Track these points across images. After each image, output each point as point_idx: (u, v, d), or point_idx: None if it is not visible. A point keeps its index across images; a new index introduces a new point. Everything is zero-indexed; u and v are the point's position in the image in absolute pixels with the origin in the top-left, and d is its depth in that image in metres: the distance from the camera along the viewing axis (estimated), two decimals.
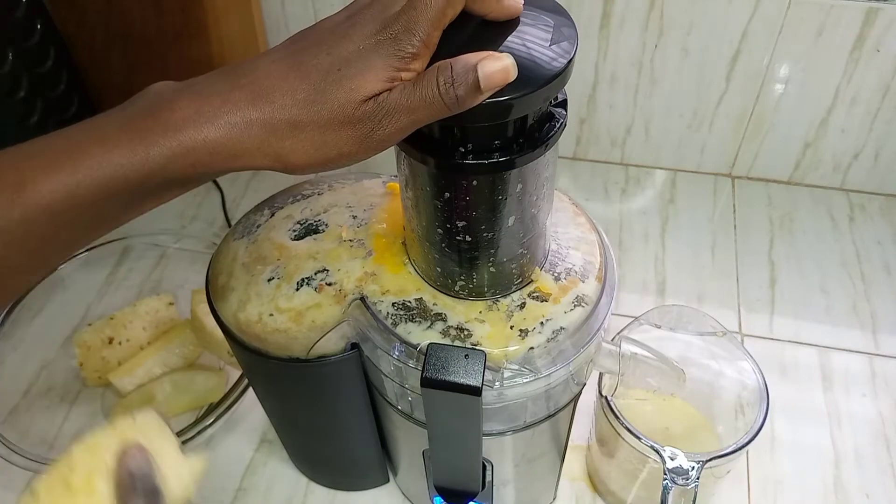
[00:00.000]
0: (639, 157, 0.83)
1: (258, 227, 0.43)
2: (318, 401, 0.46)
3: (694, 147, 0.81)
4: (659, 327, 0.53)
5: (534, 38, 0.30)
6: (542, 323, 0.37)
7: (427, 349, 0.36)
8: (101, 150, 0.27)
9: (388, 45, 0.28)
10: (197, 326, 0.64)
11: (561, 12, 0.32)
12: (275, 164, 0.29)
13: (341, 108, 0.28)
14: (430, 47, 0.28)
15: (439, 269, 0.38)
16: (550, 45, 0.30)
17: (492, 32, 0.30)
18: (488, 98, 0.28)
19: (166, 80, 0.30)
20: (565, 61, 0.29)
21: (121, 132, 0.28)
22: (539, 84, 0.29)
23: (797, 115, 0.75)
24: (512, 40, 0.30)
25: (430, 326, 0.37)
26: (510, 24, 0.31)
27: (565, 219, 0.43)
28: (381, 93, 0.28)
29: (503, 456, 0.46)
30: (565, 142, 0.83)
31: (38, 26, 0.74)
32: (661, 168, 0.83)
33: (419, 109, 0.28)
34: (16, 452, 0.56)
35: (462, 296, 0.38)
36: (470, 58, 0.27)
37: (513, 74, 0.28)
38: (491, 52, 0.28)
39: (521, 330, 0.37)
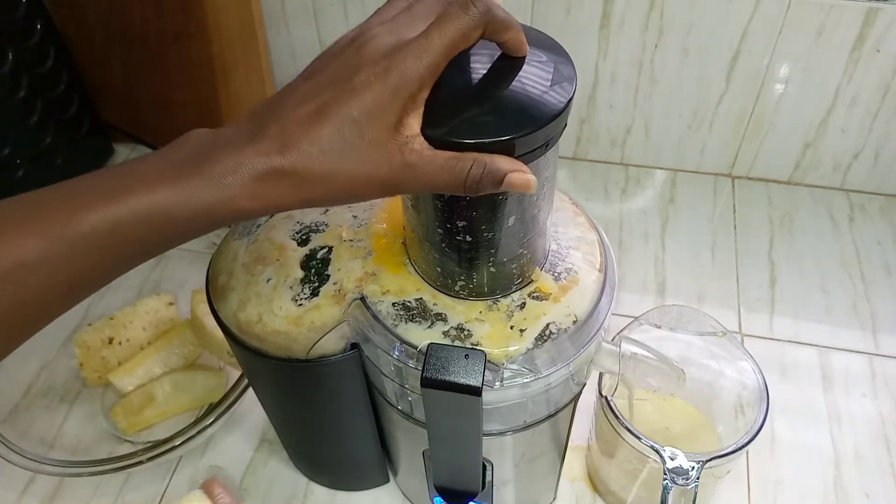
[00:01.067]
0: (639, 157, 0.83)
1: (258, 227, 0.43)
2: (318, 401, 0.46)
3: (694, 147, 0.81)
4: (659, 327, 0.53)
5: (535, 79, 0.32)
6: (542, 323, 0.37)
7: (427, 349, 0.36)
8: (147, 191, 0.29)
9: (395, 76, 0.29)
10: (197, 326, 0.64)
11: (560, 52, 0.34)
12: (303, 206, 0.31)
13: (368, 159, 0.30)
14: (433, 76, 0.30)
15: (439, 269, 0.38)
16: (552, 86, 0.31)
17: (496, 70, 0.32)
18: (490, 139, 0.30)
19: (202, 128, 0.32)
20: (565, 101, 0.31)
21: (165, 178, 0.29)
22: (540, 124, 0.30)
23: (797, 115, 0.75)
24: (516, 82, 0.31)
25: (430, 326, 0.37)
26: (515, 62, 0.32)
27: (565, 219, 0.43)
28: (406, 138, 0.30)
29: (503, 456, 0.46)
30: (565, 142, 0.83)
31: (38, 26, 0.74)
32: (661, 168, 0.84)
33: (441, 184, 0.30)
34: (16, 452, 0.56)
35: (462, 296, 0.38)
36: (504, 164, 0.30)
37: (532, 189, 0.30)
38: (521, 166, 0.30)
39: (521, 330, 0.37)
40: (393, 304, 0.38)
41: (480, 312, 0.38)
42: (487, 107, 0.31)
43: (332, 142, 0.29)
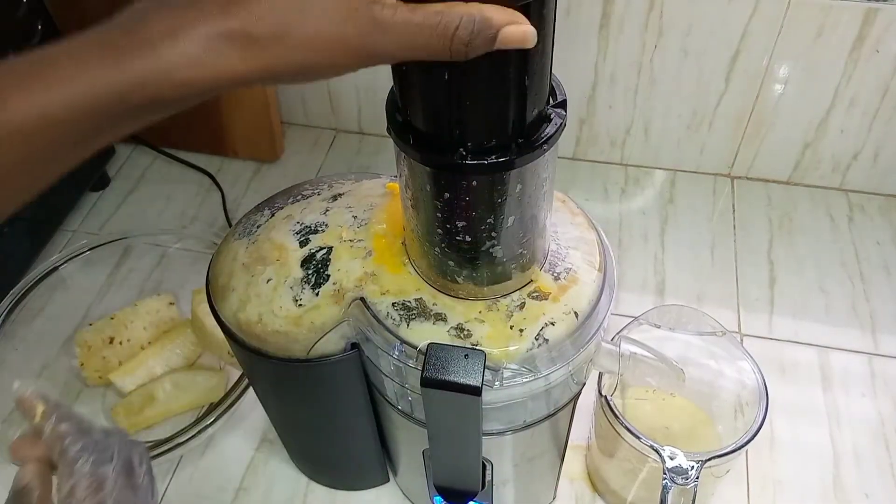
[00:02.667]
0: (638, 158, 0.83)
1: (258, 227, 0.43)
2: (318, 400, 0.47)
3: (693, 147, 0.81)
4: (658, 327, 0.53)
5: None
6: (541, 323, 0.38)
7: (427, 349, 0.36)
8: (74, 66, 0.26)
9: None
10: (197, 326, 0.64)
11: None
12: (263, 76, 0.27)
13: (329, 15, 0.26)
14: None
15: (439, 270, 0.38)
16: None
17: None
18: None
19: None
20: None
21: (94, 48, 0.26)
22: None
23: (796, 116, 0.75)
24: None
25: (430, 326, 0.38)
26: None
27: (564, 219, 0.43)
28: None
29: (503, 455, 0.46)
30: (565, 142, 0.84)
31: (39, 27, 0.74)
32: (660, 168, 0.84)
33: (422, 46, 0.26)
34: None
35: (462, 296, 0.38)
36: (497, 15, 0.26)
37: (531, 43, 0.26)
38: (517, 16, 0.26)
39: (520, 330, 0.37)
40: (393, 304, 0.38)
41: (480, 312, 0.38)
42: None
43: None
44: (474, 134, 0.31)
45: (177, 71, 0.26)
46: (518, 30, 0.26)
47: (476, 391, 0.35)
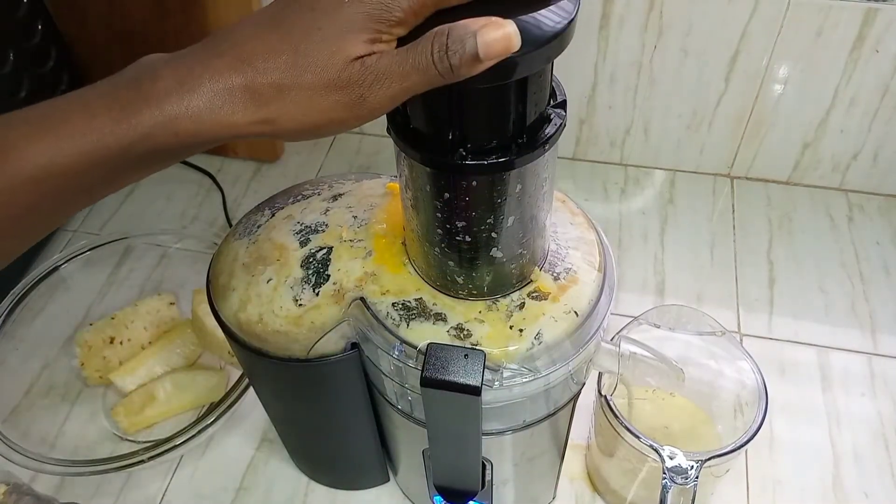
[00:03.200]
0: (638, 158, 0.83)
1: (259, 227, 0.43)
2: (318, 400, 0.47)
3: (693, 147, 0.81)
4: (658, 327, 0.53)
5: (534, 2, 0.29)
6: (541, 323, 0.38)
7: (427, 349, 0.36)
8: (84, 118, 0.27)
9: (372, 3, 0.27)
10: (198, 326, 0.64)
11: None
12: (264, 130, 0.28)
13: (324, 70, 0.27)
14: (416, 15, 0.27)
15: (439, 270, 0.38)
16: (550, 5, 0.29)
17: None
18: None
19: (159, 53, 0.29)
20: (567, 20, 0.28)
21: (104, 102, 0.27)
22: (540, 43, 0.27)
23: (796, 116, 0.75)
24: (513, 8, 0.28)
25: (430, 326, 0.38)
26: None
27: (564, 219, 0.43)
28: (365, 55, 0.27)
29: (503, 455, 0.46)
30: (565, 142, 0.84)
31: (40, 27, 0.74)
32: (660, 168, 0.84)
33: (411, 76, 0.27)
34: (17, 452, 0.56)
35: (462, 296, 0.38)
36: (469, 24, 0.26)
37: (515, 44, 0.26)
38: (492, 19, 0.26)
39: (520, 330, 0.37)
40: (393, 304, 0.38)
41: (480, 312, 0.38)
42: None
43: (289, 55, 0.27)
44: (474, 134, 0.31)
45: (181, 123, 0.27)
46: (498, 33, 0.25)
47: (476, 391, 0.35)
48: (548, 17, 0.28)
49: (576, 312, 0.38)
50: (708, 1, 0.68)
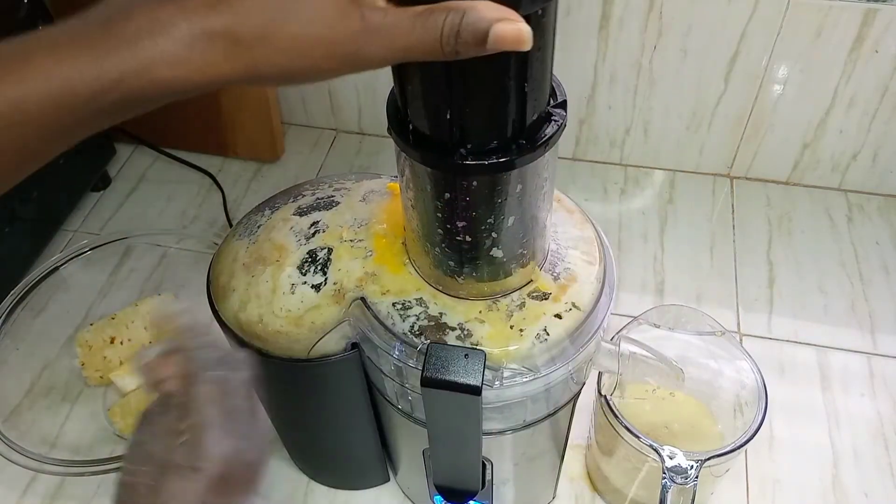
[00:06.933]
0: (638, 158, 0.83)
1: (259, 227, 0.43)
2: (318, 400, 0.47)
3: (693, 147, 0.81)
4: (658, 327, 0.53)
5: None
6: (541, 322, 0.38)
7: (427, 349, 0.36)
8: (50, 60, 0.25)
9: None
10: None
11: None
12: (243, 77, 0.26)
13: (317, 16, 0.25)
14: None
15: (439, 270, 0.38)
16: None
17: None
18: None
19: None
20: None
21: (72, 43, 0.25)
22: None
23: (795, 116, 0.75)
24: None
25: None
26: None
27: (564, 219, 0.43)
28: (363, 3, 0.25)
29: (503, 455, 0.46)
30: (565, 142, 0.84)
31: (40, 27, 0.74)
32: (659, 168, 0.84)
33: (413, 44, 0.25)
34: (17, 451, 0.56)
35: (462, 296, 0.39)
36: (485, 10, 0.24)
37: (526, 43, 0.24)
38: (510, 13, 0.24)
39: (520, 329, 0.37)
40: (393, 304, 0.39)
41: (480, 312, 0.38)
42: None
43: None
44: (475, 134, 0.31)
45: (156, 69, 0.25)
46: (512, 28, 0.24)
47: (476, 391, 0.35)
48: None
49: (576, 312, 0.38)
50: (708, 1, 0.68)
